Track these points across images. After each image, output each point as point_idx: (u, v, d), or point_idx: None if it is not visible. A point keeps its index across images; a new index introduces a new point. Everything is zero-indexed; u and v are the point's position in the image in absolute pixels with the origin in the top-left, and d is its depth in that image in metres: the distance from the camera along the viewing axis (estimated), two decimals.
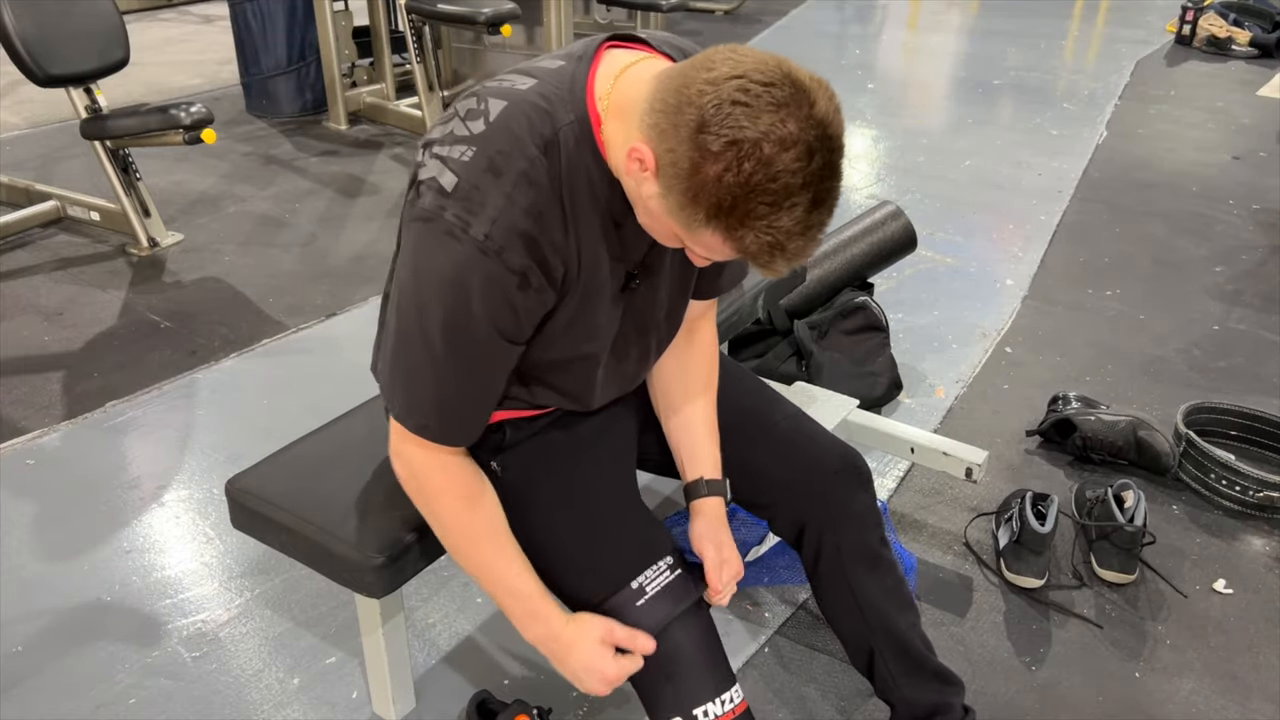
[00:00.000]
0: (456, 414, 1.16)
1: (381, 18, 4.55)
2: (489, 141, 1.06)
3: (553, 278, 1.11)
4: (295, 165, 4.09)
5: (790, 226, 0.94)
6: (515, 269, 1.06)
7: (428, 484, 1.21)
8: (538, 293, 1.10)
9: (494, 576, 1.23)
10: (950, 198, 3.84)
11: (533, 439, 1.34)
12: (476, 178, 1.04)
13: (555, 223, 1.09)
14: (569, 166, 1.08)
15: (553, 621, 1.22)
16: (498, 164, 1.05)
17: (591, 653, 1.20)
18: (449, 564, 1.96)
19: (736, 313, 2.01)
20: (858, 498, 1.40)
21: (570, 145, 1.08)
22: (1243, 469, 2.09)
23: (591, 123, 1.08)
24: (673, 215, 1.00)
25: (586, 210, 1.12)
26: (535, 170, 1.06)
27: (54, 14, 2.96)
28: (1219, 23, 6.02)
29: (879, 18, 7.11)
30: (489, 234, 1.04)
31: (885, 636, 1.41)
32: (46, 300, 2.96)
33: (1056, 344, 2.78)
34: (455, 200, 1.04)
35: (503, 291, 1.07)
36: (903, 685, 1.42)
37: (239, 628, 1.81)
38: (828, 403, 2.07)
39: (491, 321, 1.09)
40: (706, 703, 1.20)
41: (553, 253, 1.09)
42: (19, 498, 2.13)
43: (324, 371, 2.62)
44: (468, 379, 1.13)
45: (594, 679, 1.21)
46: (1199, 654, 1.77)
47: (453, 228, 1.04)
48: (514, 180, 1.05)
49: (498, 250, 1.04)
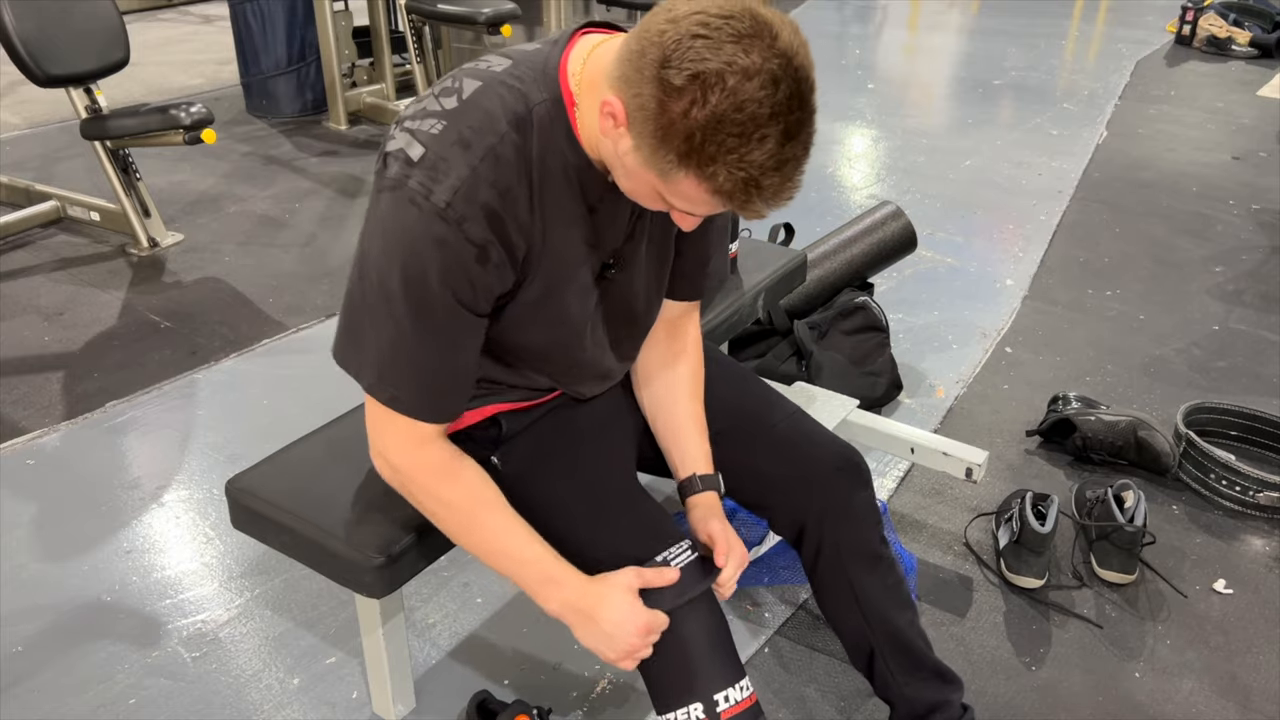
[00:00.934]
0: (426, 384, 1.15)
1: (381, 18, 4.55)
2: (460, 117, 1.06)
3: (513, 256, 1.11)
4: (295, 165, 4.10)
5: (763, 160, 0.93)
6: (475, 241, 1.06)
7: (411, 475, 1.20)
8: (497, 268, 1.10)
9: (500, 550, 1.21)
10: (950, 198, 3.84)
11: (530, 430, 1.34)
12: (444, 149, 1.05)
13: (521, 200, 1.09)
14: (541, 145, 1.09)
15: (573, 581, 1.18)
16: (467, 138, 1.05)
17: (623, 604, 1.15)
18: (449, 564, 1.96)
19: (736, 313, 2.01)
20: (858, 496, 1.40)
21: (543, 124, 1.08)
22: (1243, 469, 2.09)
23: (565, 103, 1.09)
24: (648, 165, 0.99)
25: (558, 191, 1.12)
26: (504, 146, 1.06)
27: (54, 14, 2.95)
28: (1219, 23, 6.02)
29: (879, 18, 7.11)
30: (450, 203, 1.04)
31: (885, 635, 1.41)
32: (46, 300, 2.96)
33: (1056, 344, 2.78)
34: (421, 169, 1.05)
35: (460, 262, 1.07)
36: (902, 683, 1.42)
37: (239, 628, 1.81)
38: (828, 403, 2.07)
39: (449, 290, 1.08)
40: (726, 689, 1.19)
41: (515, 230, 1.09)
42: (19, 498, 2.13)
43: (324, 371, 2.62)
44: (433, 344, 1.12)
45: (626, 634, 1.15)
46: (1199, 654, 1.77)
47: (415, 195, 1.05)
48: (481, 154, 1.05)
49: (458, 220, 1.05)
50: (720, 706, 1.19)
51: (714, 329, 1.95)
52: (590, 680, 1.71)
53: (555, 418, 1.36)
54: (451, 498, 1.21)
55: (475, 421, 1.34)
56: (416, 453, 1.19)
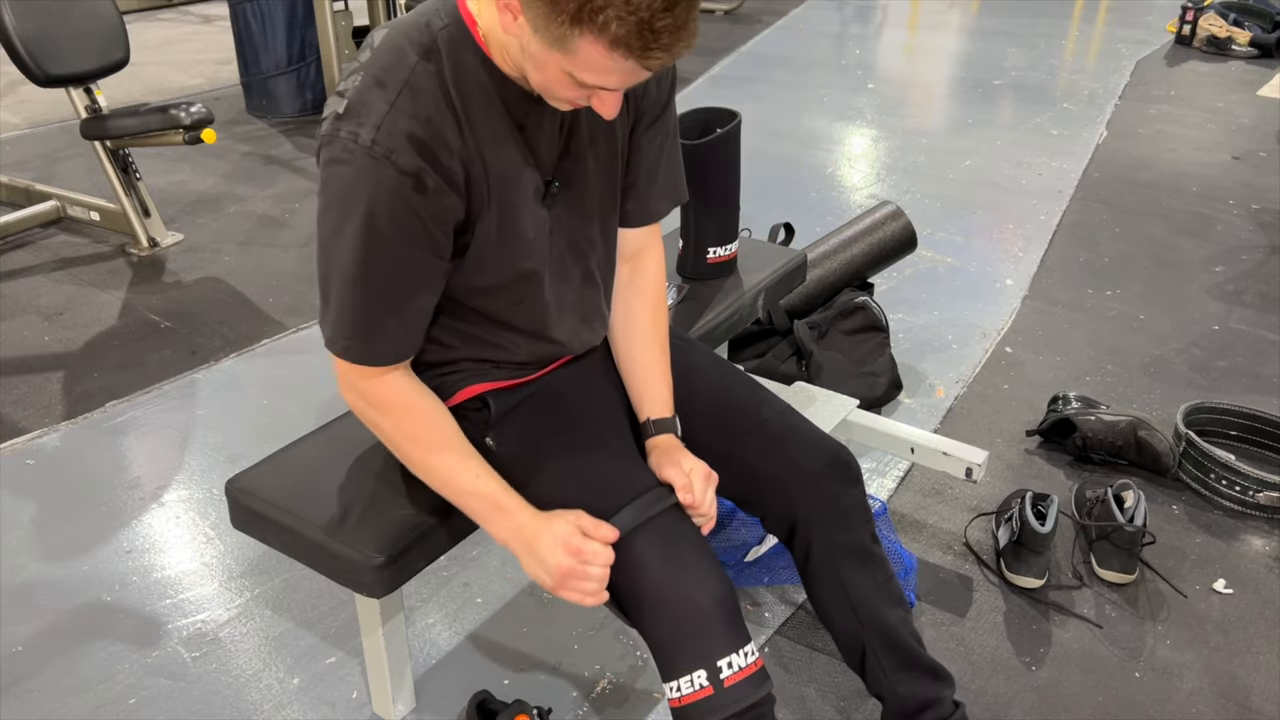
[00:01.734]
0: (374, 331, 1.18)
1: (381, 18, 4.55)
2: (373, 63, 1.12)
3: (452, 180, 1.14)
4: (295, 165, 4.09)
5: (651, 1, 0.95)
6: (407, 170, 1.10)
7: (372, 401, 1.24)
8: (436, 194, 1.13)
9: (453, 480, 1.25)
10: (950, 198, 3.84)
11: (521, 408, 1.35)
12: (363, 94, 1.10)
13: (448, 125, 1.12)
14: (454, 69, 1.13)
15: (520, 512, 1.22)
16: (381, 78, 1.11)
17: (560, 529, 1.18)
18: (449, 564, 1.96)
19: (736, 313, 2.01)
20: (847, 494, 1.40)
21: (451, 47, 1.12)
22: (1243, 469, 2.09)
23: (467, 23, 1.13)
24: (550, 44, 1.02)
25: (481, 111, 1.15)
26: (417, 77, 1.11)
27: (54, 14, 2.95)
28: (1219, 23, 6.02)
29: (879, 18, 7.11)
30: (375, 139, 1.08)
31: (876, 632, 1.41)
32: (46, 300, 2.96)
33: (1056, 344, 2.78)
34: (347, 119, 1.10)
35: (400, 196, 1.10)
36: (894, 680, 1.42)
37: (239, 628, 1.81)
38: (828, 403, 2.07)
39: (397, 230, 1.12)
40: (730, 654, 1.19)
41: (448, 155, 1.12)
42: (19, 498, 2.13)
43: (324, 371, 2.62)
44: (381, 294, 1.16)
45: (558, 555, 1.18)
46: (1199, 654, 1.77)
47: (345, 143, 1.09)
48: (397, 90, 1.10)
49: (386, 154, 1.08)
50: (724, 673, 1.18)
51: (714, 329, 1.95)
52: (590, 680, 1.71)
53: (545, 395, 1.36)
54: (409, 429, 1.25)
55: (463, 400, 1.35)
56: (377, 381, 1.23)
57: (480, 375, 1.35)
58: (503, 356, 1.33)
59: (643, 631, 1.22)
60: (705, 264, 2.07)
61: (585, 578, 1.18)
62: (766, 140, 4.45)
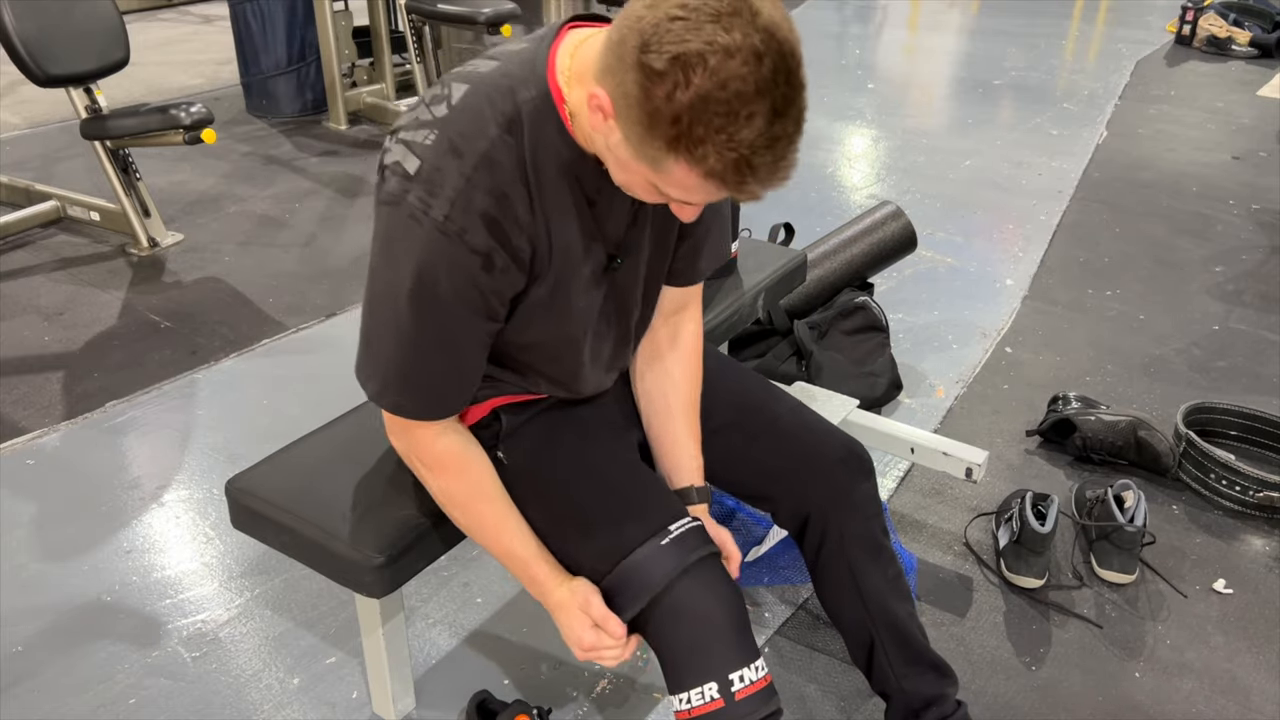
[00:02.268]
0: (429, 392, 1.18)
1: (381, 18, 4.55)
2: (450, 124, 1.07)
3: (519, 259, 1.12)
4: (295, 165, 4.09)
5: (753, 139, 0.92)
6: (478, 250, 1.07)
7: (421, 458, 1.25)
8: (503, 273, 1.11)
9: (493, 539, 1.27)
10: (950, 198, 3.84)
11: (533, 423, 1.35)
12: (438, 159, 1.06)
13: (520, 201, 1.09)
14: (534, 143, 1.09)
15: (549, 588, 1.25)
16: (458, 145, 1.06)
17: (574, 622, 1.23)
18: (449, 564, 1.96)
19: (736, 313, 2.01)
20: (861, 486, 1.41)
21: (534, 121, 1.08)
22: (1243, 469, 2.09)
23: (554, 98, 1.08)
24: (639, 157, 0.99)
25: (555, 187, 1.12)
26: (496, 150, 1.07)
27: (54, 14, 2.95)
28: (1219, 23, 6.02)
29: (879, 18, 7.11)
30: (449, 215, 1.05)
31: (886, 625, 1.42)
32: (46, 300, 2.96)
33: (1056, 344, 2.78)
34: (418, 183, 1.06)
35: (467, 273, 1.08)
36: (901, 676, 1.43)
37: (239, 628, 1.81)
38: (828, 403, 2.07)
39: (459, 301, 1.10)
40: (742, 668, 1.19)
41: (518, 233, 1.10)
42: (19, 498, 2.13)
43: (324, 371, 2.62)
44: (440, 354, 1.15)
45: (574, 643, 1.24)
46: (1199, 654, 1.77)
47: (415, 210, 1.06)
48: (474, 162, 1.06)
49: (459, 231, 1.06)
50: (735, 686, 1.18)
51: (714, 329, 1.95)
52: (590, 680, 1.71)
53: (557, 410, 1.36)
54: (461, 488, 1.26)
55: (477, 419, 1.34)
56: (430, 446, 1.24)
57: (495, 390, 1.34)
58: (520, 384, 1.33)
59: (652, 642, 1.23)
60: None
61: (602, 657, 1.23)
62: None
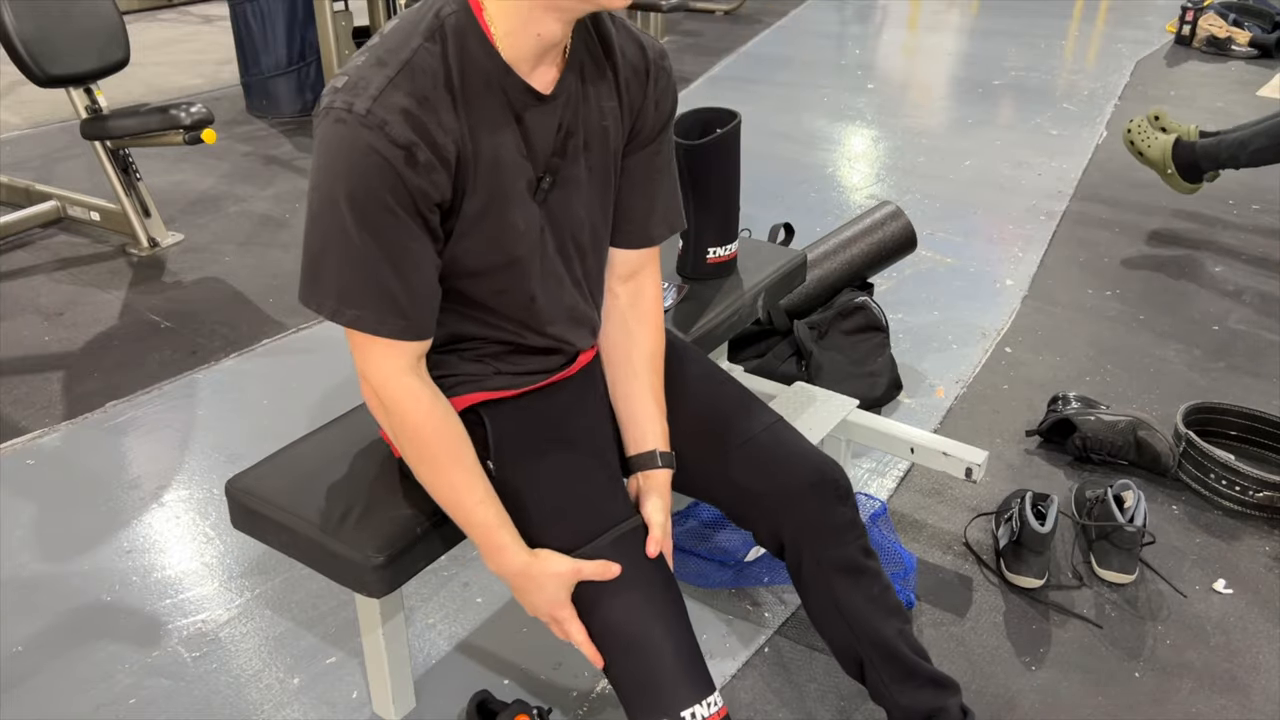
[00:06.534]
0: (385, 300, 1.17)
1: (381, 18, 4.55)
2: (378, 45, 1.15)
3: (443, 157, 1.15)
4: (295, 165, 4.09)
5: None
6: (400, 143, 1.10)
7: (389, 404, 1.23)
8: (427, 170, 1.13)
9: (456, 503, 1.27)
10: (950, 198, 3.84)
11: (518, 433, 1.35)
12: (363, 71, 1.12)
13: (443, 106, 1.14)
14: (458, 53, 1.15)
15: (516, 555, 1.26)
16: (383, 58, 1.13)
17: (555, 591, 1.25)
18: (449, 564, 1.96)
19: (736, 313, 2.01)
20: (835, 512, 1.39)
21: (457, 32, 1.14)
22: (1243, 469, 2.09)
23: (474, 9, 1.15)
24: None
25: (481, 98, 1.17)
26: (419, 57, 1.13)
27: (54, 14, 2.95)
28: (1219, 23, 6.02)
29: (879, 18, 7.11)
30: (370, 109, 1.10)
31: (872, 645, 1.40)
32: (46, 300, 2.96)
33: (1056, 344, 2.78)
34: (343, 91, 1.11)
35: (392, 166, 1.11)
36: (895, 692, 1.40)
37: (239, 628, 1.81)
38: (827, 403, 2.07)
39: (393, 197, 1.12)
40: (693, 705, 1.20)
41: (441, 134, 1.14)
42: (19, 498, 2.13)
43: (324, 371, 2.62)
44: (384, 256, 1.15)
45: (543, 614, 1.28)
46: (1199, 654, 1.77)
47: (339, 113, 1.10)
48: (397, 68, 1.12)
49: (380, 124, 1.10)
50: None
51: (714, 329, 1.95)
52: (590, 680, 1.71)
53: (542, 419, 1.36)
54: (423, 437, 1.24)
55: (460, 410, 1.35)
56: (397, 380, 1.22)
57: (474, 383, 1.35)
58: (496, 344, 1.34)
59: (608, 676, 1.25)
60: (705, 264, 2.07)
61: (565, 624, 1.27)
62: (766, 140, 4.45)
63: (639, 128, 1.35)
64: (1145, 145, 3.48)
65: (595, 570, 1.24)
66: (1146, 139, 3.49)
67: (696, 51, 5.94)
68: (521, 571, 1.26)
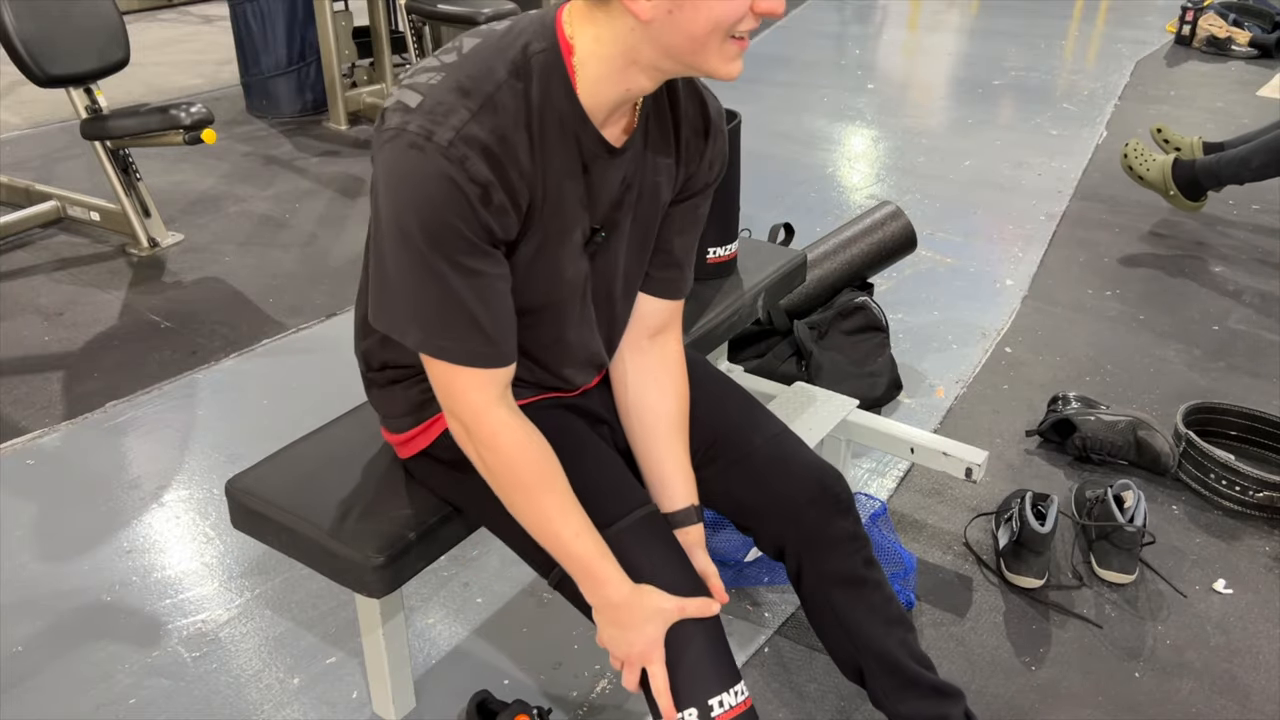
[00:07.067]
0: (469, 329, 1.13)
1: (381, 18, 4.54)
2: (459, 68, 1.08)
3: (516, 202, 1.11)
4: (295, 165, 4.10)
5: None
6: (478, 180, 1.06)
7: (484, 440, 1.19)
8: (499, 212, 1.10)
9: (553, 534, 1.21)
10: (950, 198, 3.85)
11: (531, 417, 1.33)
12: (443, 95, 1.06)
13: (522, 147, 1.10)
14: (541, 94, 1.10)
15: (617, 586, 1.20)
16: (465, 86, 1.07)
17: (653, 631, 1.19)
18: (449, 563, 1.96)
19: (736, 313, 2.01)
20: (835, 524, 1.37)
21: (543, 72, 1.10)
22: (1243, 469, 2.09)
23: (563, 51, 1.10)
24: None
25: (555, 142, 1.13)
26: (503, 94, 1.08)
27: (54, 14, 2.95)
28: (1219, 23, 6.02)
29: (879, 18, 7.11)
30: (452, 141, 1.05)
31: (872, 656, 1.39)
32: (46, 300, 2.96)
33: (1056, 344, 2.78)
34: (419, 113, 1.06)
35: (467, 200, 1.06)
36: (895, 701, 1.39)
37: (239, 628, 1.81)
38: (828, 403, 2.07)
39: (469, 229, 1.08)
40: (721, 693, 1.19)
41: (518, 176, 1.10)
42: (19, 498, 2.13)
43: (324, 371, 2.62)
44: (462, 284, 1.11)
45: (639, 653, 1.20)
46: (1199, 654, 1.77)
47: (416, 139, 1.05)
48: (480, 101, 1.07)
49: (461, 159, 1.05)
50: (715, 712, 1.19)
51: (714, 329, 1.95)
52: (590, 680, 1.71)
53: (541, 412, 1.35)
54: (517, 470, 1.20)
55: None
56: (489, 413, 1.18)
57: None
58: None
59: None
60: (705, 264, 2.07)
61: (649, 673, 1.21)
62: (766, 140, 4.45)
63: (690, 186, 1.33)
64: (1144, 169, 3.48)
65: (698, 608, 1.20)
66: (1144, 162, 3.49)
67: None
68: (624, 605, 1.20)
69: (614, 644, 1.22)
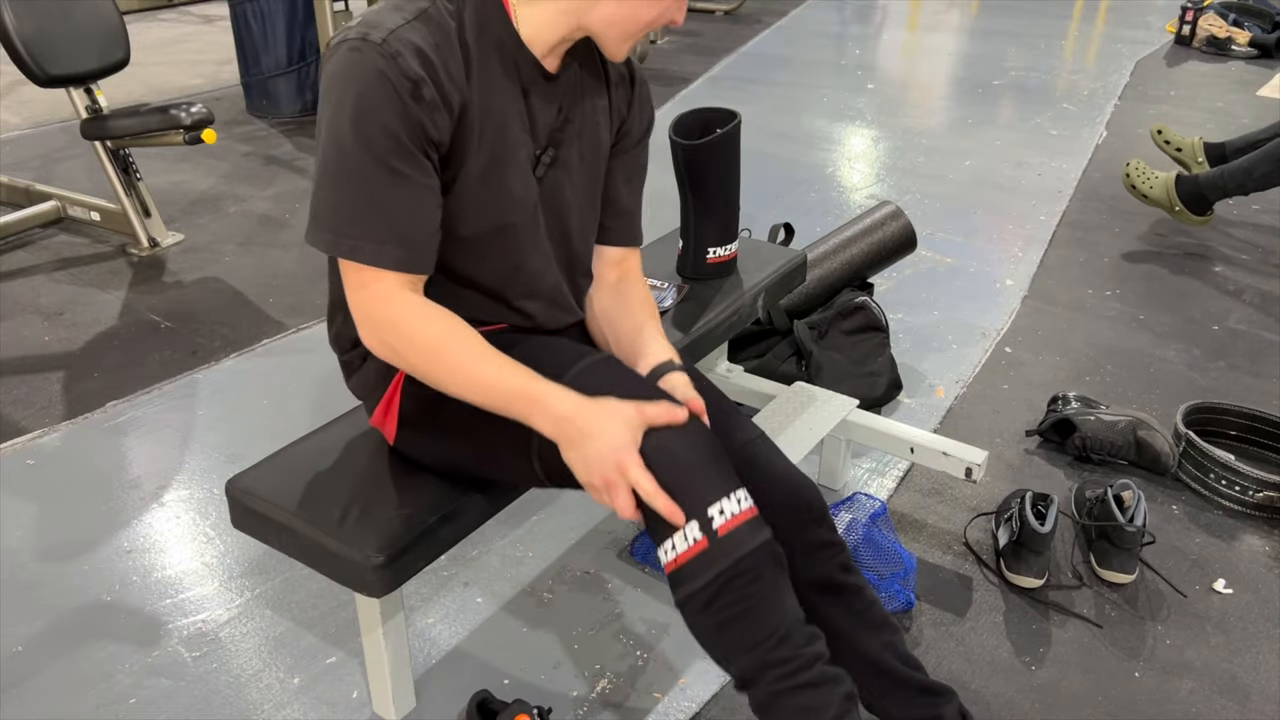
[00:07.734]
0: (387, 228, 1.16)
1: None
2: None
3: (448, 100, 1.17)
4: (295, 165, 4.10)
5: None
6: (409, 75, 1.13)
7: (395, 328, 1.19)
8: (431, 108, 1.16)
9: (484, 386, 1.19)
10: (950, 198, 3.85)
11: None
12: (379, 15, 1.17)
13: (454, 58, 1.18)
14: (475, 18, 1.20)
15: (566, 399, 1.15)
16: (400, 5, 1.18)
17: (620, 432, 1.12)
18: (449, 564, 1.96)
19: (736, 313, 2.01)
20: (810, 533, 1.35)
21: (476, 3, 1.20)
22: (1243, 469, 2.09)
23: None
24: None
25: (492, 64, 1.21)
26: (436, 10, 1.18)
27: (54, 14, 2.96)
28: (1219, 23, 6.02)
29: (879, 18, 7.11)
30: (385, 40, 1.14)
31: (858, 660, 1.37)
32: (46, 300, 2.96)
33: (1056, 344, 2.78)
34: (358, 26, 1.16)
35: (398, 94, 1.13)
36: (886, 704, 1.38)
37: (239, 628, 1.81)
38: (828, 403, 2.07)
39: (400, 124, 1.14)
40: (721, 499, 1.11)
41: (448, 80, 1.17)
42: (19, 498, 2.13)
43: (324, 371, 2.62)
44: (387, 182, 1.15)
45: (608, 463, 1.12)
46: (1199, 654, 1.77)
47: (355, 43, 1.14)
48: (414, 14, 1.17)
49: (393, 54, 1.13)
50: (716, 521, 1.11)
51: (714, 329, 1.95)
52: (590, 680, 1.71)
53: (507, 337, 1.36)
54: (435, 347, 1.19)
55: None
56: (398, 299, 1.20)
57: None
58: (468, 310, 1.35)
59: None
60: (705, 264, 2.07)
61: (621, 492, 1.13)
62: (766, 140, 4.45)
63: (626, 129, 1.42)
64: (1147, 187, 3.48)
65: (662, 412, 1.13)
66: (1147, 180, 3.49)
67: (696, 51, 5.94)
68: (576, 412, 1.13)
69: (584, 465, 1.14)
